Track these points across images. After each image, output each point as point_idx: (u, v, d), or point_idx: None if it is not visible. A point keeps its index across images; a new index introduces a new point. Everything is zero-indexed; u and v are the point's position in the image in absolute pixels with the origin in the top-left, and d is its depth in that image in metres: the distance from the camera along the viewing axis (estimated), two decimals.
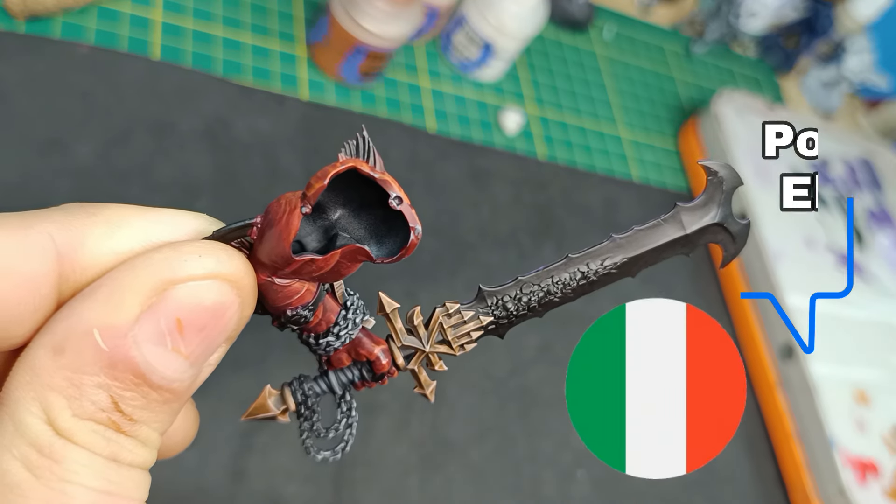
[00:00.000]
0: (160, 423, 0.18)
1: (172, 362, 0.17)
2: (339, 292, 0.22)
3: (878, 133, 1.08)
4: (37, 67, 0.51)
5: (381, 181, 0.18)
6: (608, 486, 0.58)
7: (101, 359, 0.16)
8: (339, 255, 0.18)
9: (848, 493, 0.62)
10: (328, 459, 0.24)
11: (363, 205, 0.19)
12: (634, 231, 0.23)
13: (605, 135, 0.80)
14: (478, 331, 0.24)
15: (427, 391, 0.24)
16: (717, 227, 0.23)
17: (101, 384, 0.16)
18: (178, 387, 0.17)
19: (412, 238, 0.18)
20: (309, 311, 0.20)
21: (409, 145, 0.65)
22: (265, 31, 0.64)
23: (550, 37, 0.83)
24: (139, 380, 0.16)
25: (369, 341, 0.23)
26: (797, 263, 0.76)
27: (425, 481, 0.51)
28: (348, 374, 0.24)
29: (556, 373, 0.61)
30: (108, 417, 0.16)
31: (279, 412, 0.24)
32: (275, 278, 0.19)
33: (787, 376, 0.69)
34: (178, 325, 0.17)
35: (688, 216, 0.23)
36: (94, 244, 0.18)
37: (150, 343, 0.17)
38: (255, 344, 0.49)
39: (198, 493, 0.44)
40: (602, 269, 0.23)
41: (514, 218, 0.67)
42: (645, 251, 0.23)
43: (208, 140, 0.56)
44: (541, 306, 0.24)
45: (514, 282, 0.24)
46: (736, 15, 0.92)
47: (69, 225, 0.18)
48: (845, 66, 0.99)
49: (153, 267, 0.17)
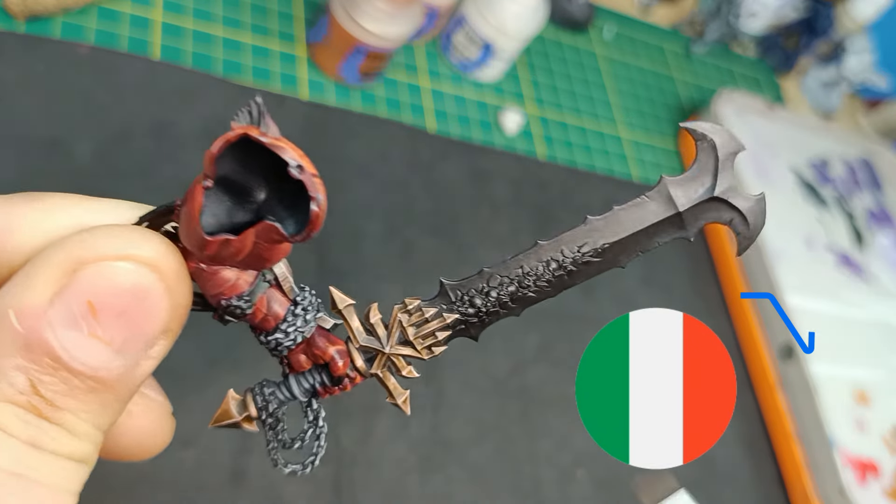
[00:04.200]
0: (91, 414, 0.17)
1: (92, 348, 0.16)
2: (286, 287, 0.20)
3: (878, 133, 1.08)
4: (37, 67, 0.51)
5: (273, 146, 0.16)
6: (608, 486, 0.58)
7: (17, 340, 0.16)
8: (252, 235, 0.17)
9: (848, 493, 0.62)
10: (297, 473, 0.22)
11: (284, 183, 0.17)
12: (614, 211, 0.20)
13: (605, 135, 0.80)
14: (443, 330, 0.21)
15: (399, 401, 0.22)
16: (718, 203, 0.20)
17: (19, 366, 0.16)
18: (104, 375, 0.17)
19: (313, 209, 0.16)
20: (245, 301, 0.19)
21: (409, 145, 0.65)
22: (265, 31, 0.64)
23: (550, 37, 0.83)
24: (56, 363, 0.16)
25: (324, 341, 0.21)
26: (797, 263, 0.76)
27: (425, 481, 0.51)
28: (309, 378, 0.22)
29: (556, 373, 0.61)
30: (28, 401, 0.16)
31: (241, 418, 0.22)
32: (201, 265, 0.18)
33: (787, 376, 0.69)
34: (90, 308, 0.16)
35: (678, 190, 0.20)
36: (27, 226, 0.18)
37: (65, 327, 0.16)
38: (252, 344, 0.49)
39: (198, 493, 0.44)
40: (580, 258, 0.20)
41: (514, 218, 0.67)
42: (629, 235, 0.20)
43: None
44: (514, 302, 0.21)
45: (479, 274, 0.21)
46: (736, 15, 0.92)
47: (5, 208, 0.18)
48: (845, 66, 0.99)
49: (66, 248, 0.17)
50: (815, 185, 0.86)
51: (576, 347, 0.64)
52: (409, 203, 0.62)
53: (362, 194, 0.61)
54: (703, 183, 0.20)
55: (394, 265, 0.58)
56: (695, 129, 0.20)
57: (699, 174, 0.20)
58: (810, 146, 0.90)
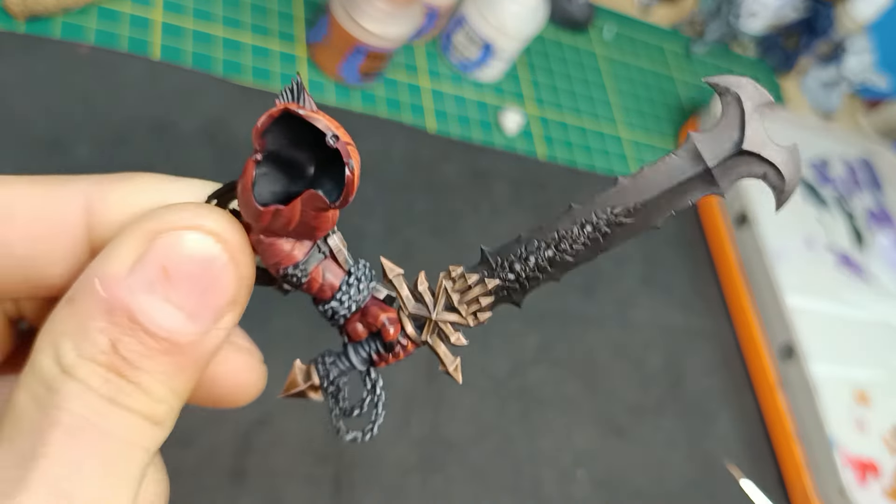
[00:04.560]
0: (166, 376, 0.18)
1: (166, 311, 0.18)
2: (340, 258, 0.21)
3: (878, 133, 1.08)
4: (37, 67, 0.51)
5: (309, 117, 0.18)
6: (608, 486, 0.58)
7: (101, 305, 0.18)
8: (300, 203, 0.18)
9: (848, 493, 0.62)
10: (357, 440, 0.23)
11: (326, 154, 0.18)
12: (643, 169, 0.20)
13: (605, 135, 0.80)
14: (486, 296, 0.22)
15: (450, 368, 0.22)
16: (749, 157, 0.19)
17: (102, 328, 0.17)
18: (178, 339, 0.18)
19: (347, 174, 0.17)
20: (301, 270, 0.20)
21: (409, 145, 0.65)
22: (265, 31, 0.64)
23: (550, 37, 0.83)
24: (135, 325, 0.18)
25: (377, 310, 0.22)
26: (797, 263, 0.76)
27: (425, 481, 0.51)
28: (366, 347, 0.23)
29: (556, 373, 0.61)
30: (109, 360, 0.18)
31: (306, 387, 0.24)
32: (261, 237, 0.19)
33: (787, 376, 0.69)
34: (164, 272, 0.18)
35: (705, 145, 0.19)
36: (116, 200, 0.20)
37: (143, 291, 0.18)
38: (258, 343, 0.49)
39: (198, 493, 0.44)
40: (613, 219, 0.20)
41: (514, 218, 0.67)
42: (660, 193, 0.20)
43: (208, 140, 0.56)
44: (552, 266, 0.21)
45: (516, 240, 0.21)
46: (736, 15, 0.92)
47: (98, 183, 0.20)
48: (845, 66, 1.00)
49: (143, 222, 0.19)
50: (815, 185, 0.86)
51: (576, 347, 0.64)
52: (409, 203, 0.62)
53: (362, 194, 0.61)
54: (731, 137, 0.19)
55: (396, 261, 0.58)
56: (718, 82, 0.19)
57: (726, 128, 0.19)
58: (810, 146, 0.89)
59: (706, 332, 0.73)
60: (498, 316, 0.23)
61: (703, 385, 0.69)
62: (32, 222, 0.20)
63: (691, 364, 0.69)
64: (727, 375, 0.71)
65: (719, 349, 0.72)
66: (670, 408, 0.66)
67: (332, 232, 0.21)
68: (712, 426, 0.67)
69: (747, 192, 0.76)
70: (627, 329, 0.67)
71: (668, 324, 0.70)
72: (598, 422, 0.61)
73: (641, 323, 0.69)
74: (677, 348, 0.69)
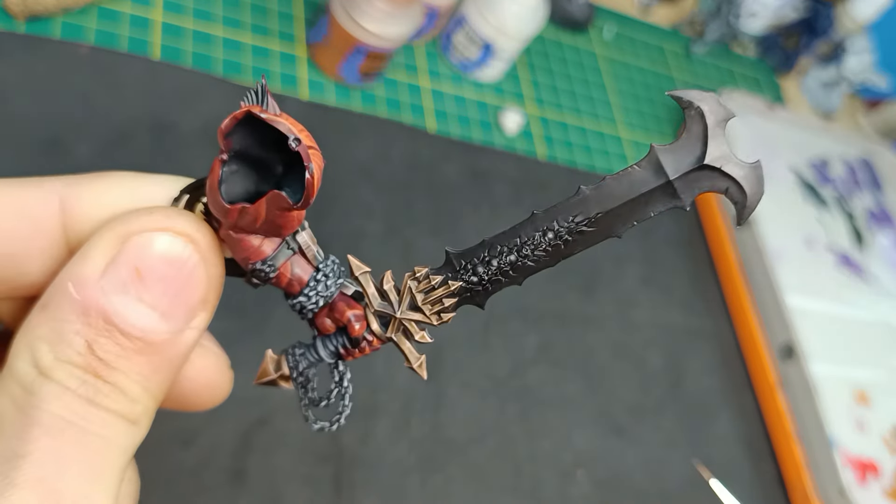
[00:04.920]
0: (141, 376, 0.19)
1: (140, 311, 0.18)
2: (309, 255, 0.22)
3: (878, 133, 1.08)
4: (37, 67, 0.51)
5: (270, 120, 0.18)
6: (608, 486, 0.58)
7: (75, 307, 0.18)
8: (264, 203, 0.19)
9: (848, 493, 0.62)
10: (324, 429, 0.24)
11: (292, 156, 0.19)
12: (606, 180, 0.20)
13: (605, 135, 0.80)
14: (450, 297, 0.22)
15: (414, 364, 0.23)
16: (711, 172, 0.19)
17: (78, 330, 0.18)
18: (152, 338, 0.18)
19: (307, 177, 0.18)
20: (268, 266, 0.21)
21: (409, 145, 0.65)
22: (265, 31, 0.64)
23: (550, 37, 0.83)
24: (110, 325, 0.18)
25: (344, 305, 0.23)
26: (797, 263, 0.76)
27: (425, 481, 0.51)
28: (333, 341, 0.24)
29: (556, 373, 0.61)
30: (86, 361, 0.18)
31: (276, 376, 0.24)
32: (230, 232, 0.20)
33: (787, 376, 0.69)
34: (136, 273, 0.18)
35: (668, 158, 0.19)
36: (89, 199, 0.21)
37: (116, 292, 0.18)
38: (251, 346, 0.49)
39: (198, 493, 0.44)
40: (574, 227, 0.20)
41: (514, 218, 0.67)
42: (622, 203, 0.20)
43: (208, 140, 0.56)
44: (514, 271, 0.22)
45: (480, 244, 0.22)
46: (736, 15, 0.92)
47: (72, 184, 0.21)
48: (845, 66, 1.00)
49: (115, 225, 0.19)
50: (815, 185, 0.86)
51: (576, 347, 0.64)
52: (409, 203, 0.62)
53: (362, 194, 0.61)
54: (693, 151, 0.19)
55: (394, 265, 0.58)
56: (681, 96, 0.19)
57: (689, 142, 0.19)
58: (810, 146, 0.90)
59: (706, 332, 0.73)
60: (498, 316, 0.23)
61: (703, 385, 0.69)
62: (8, 221, 0.20)
63: (691, 364, 0.69)
64: (727, 375, 0.71)
65: (719, 349, 0.72)
66: (670, 408, 0.66)
67: (301, 229, 0.22)
68: (712, 426, 0.67)
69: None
70: (627, 329, 0.67)
71: (668, 324, 0.70)
72: (598, 422, 0.61)
73: (641, 323, 0.69)
74: (677, 348, 0.70)
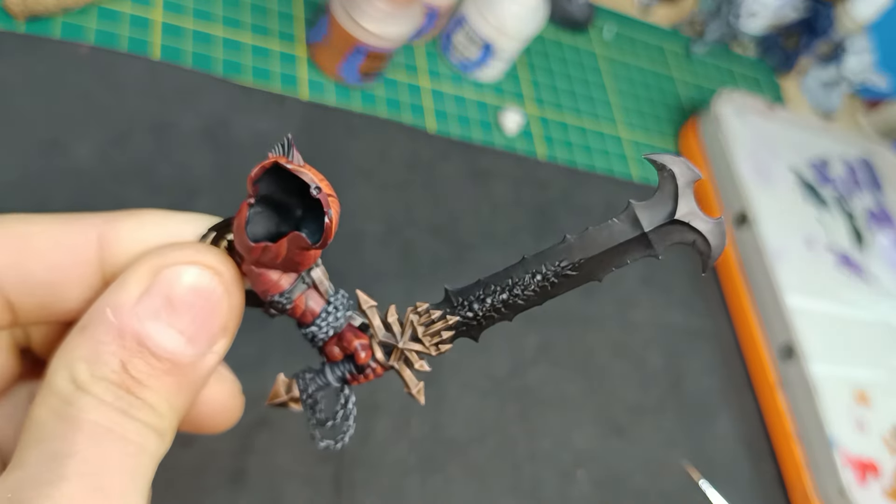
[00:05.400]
0: (168, 394, 0.21)
1: (169, 335, 0.21)
2: (322, 289, 0.24)
3: (878, 133, 1.08)
4: (37, 67, 0.51)
5: (296, 170, 0.20)
6: (608, 486, 0.58)
7: (112, 331, 0.20)
8: (286, 242, 0.21)
9: (848, 493, 0.62)
10: (329, 447, 0.26)
11: (311, 201, 0.21)
12: (589, 230, 0.23)
13: (605, 135, 0.80)
14: (448, 331, 0.25)
15: (413, 391, 0.26)
16: (681, 226, 0.22)
17: (114, 351, 0.20)
18: (179, 360, 0.21)
19: (325, 222, 0.20)
20: (286, 298, 0.23)
21: (409, 145, 0.65)
22: (265, 31, 0.64)
23: (550, 37, 0.83)
24: (142, 348, 0.20)
25: (351, 335, 0.25)
26: (797, 263, 0.76)
27: (425, 481, 0.51)
28: (340, 367, 0.26)
29: (556, 373, 0.61)
30: (120, 378, 0.20)
31: (287, 398, 0.27)
32: (252, 267, 0.22)
33: (787, 376, 0.69)
34: (168, 302, 0.21)
35: (644, 213, 0.22)
36: (126, 234, 0.23)
37: (149, 318, 0.20)
38: (253, 347, 0.49)
39: (198, 493, 0.44)
40: (560, 271, 0.23)
41: (514, 218, 0.67)
42: (603, 251, 0.22)
43: (208, 140, 0.56)
44: (506, 308, 0.24)
45: (476, 283, 0.24)
46: (736, 15, 0.92)
47: (109, 219, 0.23)
48: (845, 66, 1.00)
49: (149, 258, 0.21)
50: (815, 185, 0.86)
51: (576, 347, 0.64)
52: (409, 203, 0.62)
53: (362, 194, 0.61)
54: (665, 207, 0.22)
55: (394, 266, 0.58)
56: (655, 159, 0.22)
57: (662, 200, 0.22)
58: (810, 146, 0.90)
59: (706, 332, 0.73)
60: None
61: (703, 385, 0.69)
62: (51, 252, 0.22)
63: (691, 364, 0.69)
64: (727, 375, 0.71)
65: (719, 349, 0.72)
66: (670, 408, 0.66)
67: (315, 265, 0.24)
68: (712, 426, 0.67)
69: (747, 192, 0.76)
70: (627, 329, 0.67)
71: (668, 324, 0.70)
72: (598, 422, 0.61)
73: (641, 323, 0.69)
74: (677, 348, 0.70)
